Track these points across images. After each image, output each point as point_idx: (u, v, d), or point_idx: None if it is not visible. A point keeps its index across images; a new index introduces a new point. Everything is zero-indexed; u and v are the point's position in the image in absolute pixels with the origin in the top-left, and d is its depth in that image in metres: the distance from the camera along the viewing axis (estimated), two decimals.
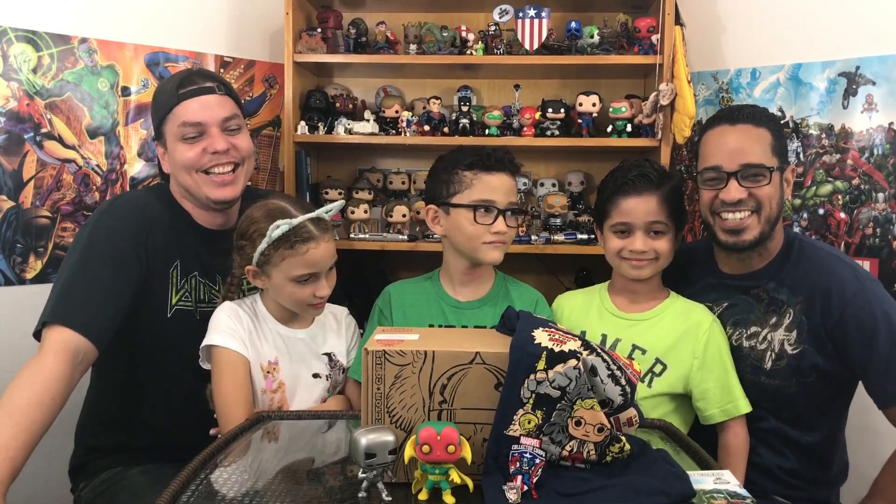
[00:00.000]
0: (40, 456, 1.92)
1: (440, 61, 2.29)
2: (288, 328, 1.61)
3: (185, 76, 1.66)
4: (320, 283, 1.54)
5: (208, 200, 1.66)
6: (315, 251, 1.50)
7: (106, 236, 1.55)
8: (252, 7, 2.44)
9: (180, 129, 1.62)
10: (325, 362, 1.62)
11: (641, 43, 2.26)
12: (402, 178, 2.49)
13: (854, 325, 1.52)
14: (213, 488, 1.10)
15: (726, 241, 1.60)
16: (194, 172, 1.63)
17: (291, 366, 1.58)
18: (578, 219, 2.38)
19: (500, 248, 1.65)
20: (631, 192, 1.60)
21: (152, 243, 1.60)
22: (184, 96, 1.62)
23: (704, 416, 1.59)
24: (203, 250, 1.69)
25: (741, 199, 1.56)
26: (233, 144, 1.65)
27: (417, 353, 1.09)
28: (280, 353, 1.58)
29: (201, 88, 1.63)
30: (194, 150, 1.62)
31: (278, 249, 1.49)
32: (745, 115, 1.60)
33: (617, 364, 1.09)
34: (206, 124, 1.62)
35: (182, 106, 1.62)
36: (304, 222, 1.49)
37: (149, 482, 1.57)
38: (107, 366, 1.68)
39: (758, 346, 1.63)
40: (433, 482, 1.04)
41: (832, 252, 1.66)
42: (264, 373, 1.56)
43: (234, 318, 1.56)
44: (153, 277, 1.60)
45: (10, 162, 2.01)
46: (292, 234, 1.48)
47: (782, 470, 1.63)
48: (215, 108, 1.64)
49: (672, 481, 1.06)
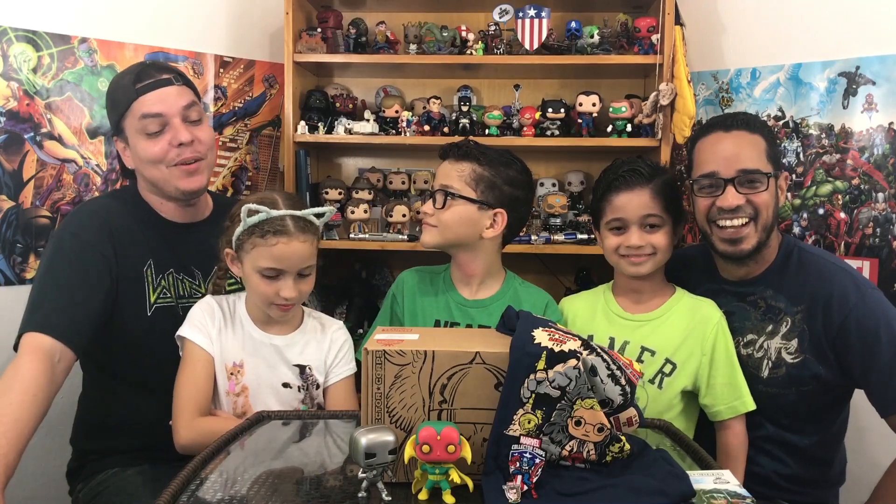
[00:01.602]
0: (39, 457, 1.94)
1: (440, 61, 2.30)
2: (263, 332, 1.57)
3: (141, 70, 1.64)
4: (286, 283, 1.49)
5: (178, 192, 1.66)
6: (285, 247, 1.46)
7: (71, 246, 1.57)
8: (252, 7, 2.44)
9: (141, 123, 1.60)
10: (296, 374, 1.57)
11: (641, 43, 2.26)
12: (402, 178, 2.49)
13: (855, 334, 1.52)
14: (213, 488, 1.10)
15: (724, 250, 1.60)
16: (162, 166, 1.63)
17: (257, 371, 1.55)
18: (578, 219, 2.38)
19: (427, 230, 1.67)
20: (623, 188, 1.60)
21: (120, 247, 1.60)
22: (142, 90, 1.60)
23: (711, 412, 1.59)
24: (176, 246, 1.70)
25: (739, 206, 1.55)
26: (195, 136, 1.64)
27: (417, 353, 1.09)
28: (247, 355, 1.55)
29: (159, 81, 1.62)
30: (159, 145, 1.61)
31: (251, 236, 1.48)
32: (739, 121, 1.59)
33: (617, 364, 1.09)
34: (167, 115, 1.61)
35: (140, 100, 1.60)
36: (285, 216, 1.47)
37: (145, 483, 1.57)
38: (95, 372, 1.70)
39: (755, 354, 1.63)
40: (433, 482, 1.04)
41: (832, 260, 1.65)
42: (228, 374, 1.54)
43: (207, 314, 1.55)
44: (127, 280, 1.61)
45: (10, 162, 2.01)
46: (266, 224, 1.47)
47: (781, 476, 1.63)
48: (175, 98, 1.62)
49: (672, 481, 1.05)
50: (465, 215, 1.63)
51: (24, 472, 1.91)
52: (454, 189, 1.63)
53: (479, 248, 1.68)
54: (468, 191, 1.63)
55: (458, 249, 1.69)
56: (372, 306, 2.38)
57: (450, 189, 1.63)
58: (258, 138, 2.48)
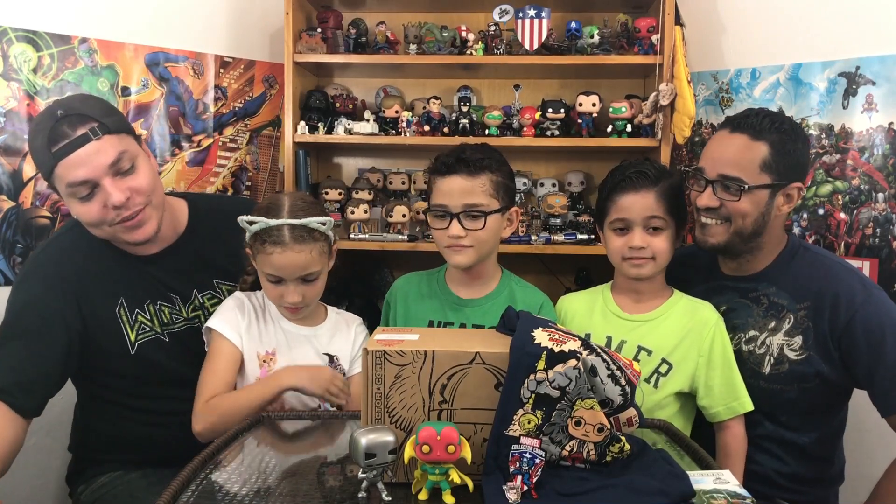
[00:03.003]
0: (39, 457, 1.94)
1: (440, 61, 2.30)
2: (292, 324, 1.61)
3: (52, 129, 1.45)
4: (288, 288, 1.52)
5: (130, 245, 1.58)
6: (279, 257, 1.48)
7: (30, 304, 1.52)
8: (252, 7, 2.44)
9: (69, 190, 1.48)
10: (325, 362, 1.61)
11: (641, 43, 2.26)
12: (402, 178, 2.49)
13: (861, 333, 1.52)
14: (213, 488, 1.10)
15: (696, 236, 1.65)
16: (105, 226, 1.52)
17: (290, 358, 1.57)
18: (578, 219, 2.38)
19: (462, 251, 1.62)
20: (629, 189, 1.61)
21: (84, 294, 1.55)
22: (59, 155, 1.44)
23: (709, 413, 1.59)
24: (146, 278, 1.63)
25: (711, 207, 1.57)
26: (131, 188, 1.50)
27: (417, 353, 1.09)
28: (279, 345, 1.58)
29: (74, 141, 1.44)
30: (95, 208, 1.49)
31: (255, 242, 1.51)
32: (748, 124, 1.56)
33: (617, 364, 1.09)
34: (94, 179, 1.47)
35: (61, 167, 1.45)
36: (282, 226, 1.48)
37: (149, 485, 1.57)
38: (88, 393, 1.69)
39: (756, 351, 1.63)
40: (433, 482, 1.04)
41: (837, 260, 1.67)
42: (260, 361, 1.56)
43: (238, 308, 1.58)
44: (101, 324, 1.56)
45: (10, 162, 2.01)
46: (265, 233, 1.49)
47: (780, 474, 1.63)
48: (97, 157, 1.46)
49: (672, 481, 1.06)
50: (496, 227, 1.64)
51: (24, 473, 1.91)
52: (485, 207, 1.60)
53: (494, 250, 1.70)
54: (494, 203, 1.62)
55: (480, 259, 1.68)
56: (372, 306, 2.38)
57: (482, 208, 1.60)
58: (258, 138, 2.48)
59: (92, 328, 1.56)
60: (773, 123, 1.56)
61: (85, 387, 1.67)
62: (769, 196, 1.55)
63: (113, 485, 1.63)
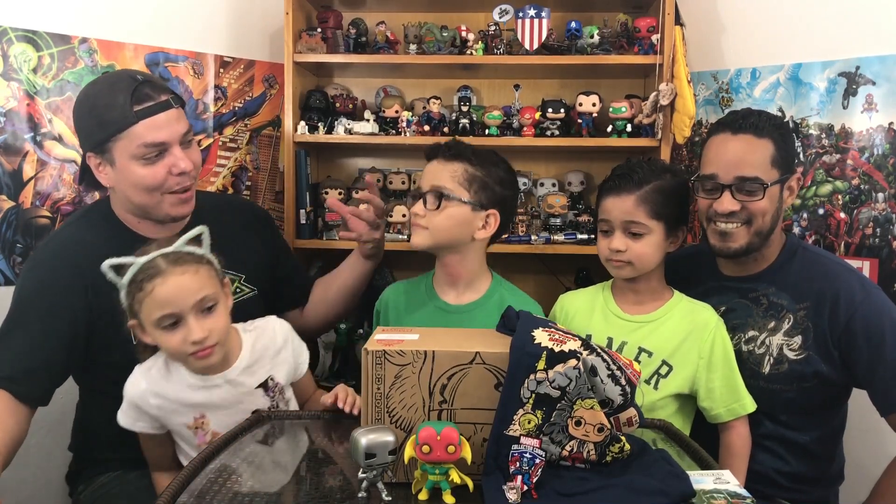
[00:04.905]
0: (39, 457, 1.94)
1: (440, 61, 2.30)
2: (204, 377, 1.41)
3: (137, 89, 1.50)
4: (188, 325, 1.33)
5: (168, 218, 1.58)
6: (163, 287, 1.31)
7: (37, 291, 1.52)
8: (252, 7, 2.44)
9: (139, 150, 1.49)
10: (260, 394, 1.45)
11: (641, 43, 2.26)
12: (402, 178, 2.49)
13: (861, 332, 1.53)
14: (213, 488, 1.10)
15: (715, 245, 1.62)
16: (157, 193, 1.54)
17: (220, 415, 1.42)
18: (578, 219, 2.38)
19: (417, 231, 1.63)
20: (612, 191, 1.61)
21: (94, 286, 1.50)
22: (142, 114, 1.48)
23: (711, 415, 1.59)
24: None
25: (733, 211, 1.56)
26: (194, 162, 1.57)
27: (417, 353, 1.09)
28: (204, 406, 1.42)
29: (159, 104, 1.50)
30: (158, 171, 1.52)
31: (133, 295, 1.34)
32: (749, 124, 1.57)
33: (617, 364, 1.09)
34: (169, 143, 1.52)
35: (141, 125, 1.48)
36: (153, 258, 1.33)
37: (148, 485, 1.57)
38: (86, 389, 1.69)
39: (756, 351, 1.63)
40: (433, 482, 1.04)
41: (836, 260, 1.68)
42: (193, 430, 1.42)
43: (137, 397, 1.40)
44: (109, 312, 1.51)
45: (10, 162, 2.01)
46: (138, 273, 1.33)
47: (780, 473, 1.63)
48: (175, 125, 1.53)
49: (672, 481, 1.06)
50: (459, 217, 1.61)
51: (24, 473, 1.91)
52: (447, 190, 1.60)
53: (468, 249, 1.66)
54: (461, 192, 1.60)
55: (447, 251, 1.66)
56: (372, 306, 2.38)
57: (443, 190, 1.60)
58: (258, 138, 2.48)
59: (97, 318, 1.55)
60: (770, 120, 1.60)
61: (87, 382, 1.67)
62: (780, 190, 1.58)
63: (113, 485, 1.63)
